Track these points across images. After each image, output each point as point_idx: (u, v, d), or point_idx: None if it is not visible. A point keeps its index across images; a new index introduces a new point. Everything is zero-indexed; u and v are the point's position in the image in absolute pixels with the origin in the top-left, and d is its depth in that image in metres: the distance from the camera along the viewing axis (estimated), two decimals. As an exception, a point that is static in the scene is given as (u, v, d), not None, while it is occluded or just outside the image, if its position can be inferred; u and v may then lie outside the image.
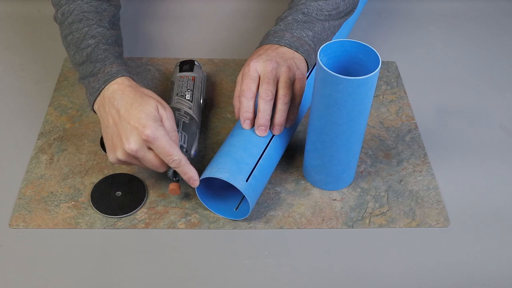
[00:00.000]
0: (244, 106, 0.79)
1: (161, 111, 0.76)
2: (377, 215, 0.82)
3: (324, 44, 0.74)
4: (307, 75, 0.87)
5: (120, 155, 0.75)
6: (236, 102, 0.81)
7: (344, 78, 0.69)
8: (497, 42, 1.14)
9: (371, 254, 0.78)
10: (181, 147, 0.81)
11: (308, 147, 0.82)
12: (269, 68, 0.78)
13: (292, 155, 0.89)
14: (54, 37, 1.09)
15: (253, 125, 0.80)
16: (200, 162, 0.87)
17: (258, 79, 0.79)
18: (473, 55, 1.11)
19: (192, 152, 0.83)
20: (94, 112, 0.80)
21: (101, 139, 0.90)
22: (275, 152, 0.81)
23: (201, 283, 0.74)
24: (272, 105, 0.79)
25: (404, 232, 0.80)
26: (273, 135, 0.81)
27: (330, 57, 0.75)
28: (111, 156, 0.77)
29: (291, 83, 0.79)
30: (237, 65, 1.05)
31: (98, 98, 0.78)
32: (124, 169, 0.86)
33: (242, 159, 0.77)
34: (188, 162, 0.76)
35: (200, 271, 0.75)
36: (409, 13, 1.20)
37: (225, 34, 1.13)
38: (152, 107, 0.74)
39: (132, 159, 0.75)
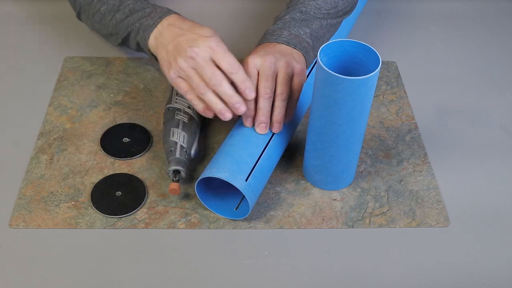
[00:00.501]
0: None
1: (218, 36, 0.78)
2: (377, 215, 0.82)
3: (324, 44, 0.74)
4: (306, 72, 0.87)
5: (181, 62, 0.75)
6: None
7: (344, 78, 0.69)
8: (497, 42, 1.14)
9: (371, 254, 0.78)
10: (181, 147, 0.81)
11: (308, 147, 0.82)
12: (267, 63, 0.78)
13: (292, 155, 0.89)
14: (54, 37, 1.09)
15: (253, 123, 0.80)
16: (200, 162, 0.87)
17: (257, 76, 0.79)
18: (473, 55, 1.11)
19: (192, 152, 0.83)
20: (149, 50, 0.82)
21: (101, 139, 0.90)
22: (274, 151, 0.81)
23: (201, 283, 0.74)
24: (271, 102, 0.79)
25: (404, 232, 0.80)
26: (273, 134, 0.81)
27: (330, 57, 0.75)
28: (171, 70, 0.77)
29: (289, 78, 0.79)
30: (237, 65, 1.05)
31: (155, 32, 0.80)
32: (124, 169, 0.86)
33: (242, 159, 0.77)
34: (246, 76, 0.76)
35: (200, 271, 0.75)
36: (409, 13, 1.20)
37: (225, 34, 1.12)
38: (212, 29, 0.78)
39: (191, 70, 0.75)
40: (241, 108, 0.76)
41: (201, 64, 0.75)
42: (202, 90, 0.76)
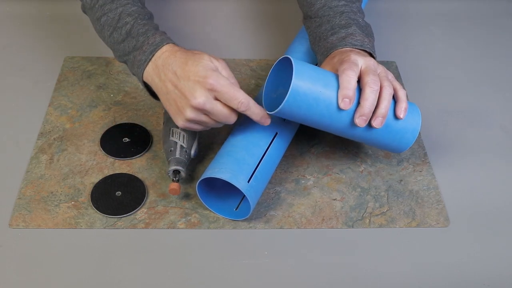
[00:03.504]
0: (345, 84, 0.75)
1: (215, 62, 0.76)
2: (377, 215, 0.82)
3: (266, 81, 0.78)
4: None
5: (189, 114, 0.74)
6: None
7: (275, 112, 0.74)
8: (497, 42, 1.14)
9: (371, 254, 0.78)
10: (181, 147, 0.81)
11: (363, 138, 0.80)
12: (371, 62, 0.77)
13: (292, 155, 0.89)
14: (54, 37, 1.09)
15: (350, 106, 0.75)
16: (200, 162, 0.87)
17: (359, 71, 0.76)
18: (473, 55, 1.11)
19: (192, 152, 0.83)
20: (144, 85, 0.80)
21: (101, 139, 0.90)
22: (276, 152, 0.81)
23: (201, 283, 0.74)
24: (377, 97, 0.76)
25: (404, 232, 0.80)
26: (275, 135, 0.81)
27: (273, 86, 0.79)
28: (180, 119, 0.76)
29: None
30: (237, 65, 1.05)
31: (150, 69, 0.77)
32: (124, 169, 0.86)
33: (244, 160, 0.77)
34: (255, 103, 0.75)
35: (200, 271, 0.75)
36: (409, 13, 1.20)
37: (225, 34, 1.13)
38: (206, 60, 0.74)
39: (201, 115, 0.75)
40: (268, 120, 0.77)
41: (210, 111, 0.74)
42: (218, 125, 0.78)
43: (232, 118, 0.76)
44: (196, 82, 0.73)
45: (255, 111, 0.76)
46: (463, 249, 0.79)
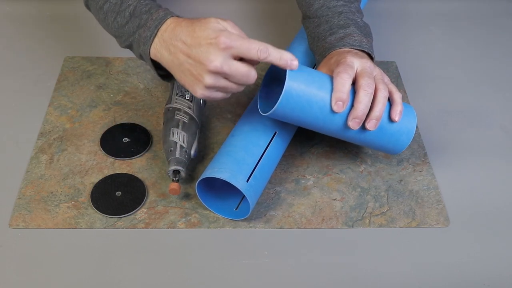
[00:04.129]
0: (339, 87, 0.75)
1: (223, 23, 0.72)
2: (377, 215, 0.82)
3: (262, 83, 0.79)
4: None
5: (208, 80, 0.71)
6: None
7: (269, 113, 0.75)
8: (497, 42, 1.14)
9: (371, 254, 0.78)
10: (181, 147, 0.81)
11: (359, 140, 0.80)
12: (368, 64, 0.77)
13: (292, 155, 0.89)
14: (54, 37, 1.09)
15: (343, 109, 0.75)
16: (200, 162, 0.87)
17: (355, 72, 0.76)
18: (473, 55, 1.11)
19: (192, 152, 0.83)
20: (152, 64, 0.78)
21: (101, 139, 0.90)
22: (275, 152, 0.81)
23: (201, 283, 0.74)
24: (371, 100, 0.75)
25: (404, 232, 0.80)
26: (274, 135, 0.81)
27: (269, 88, 0.80)
28: (198, 89, 0.72)
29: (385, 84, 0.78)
30: (237, 65, 1.05)
31: (157, 45, 0.75)
32: (124, 169, 0.86)
33: (243, 159, 0.77)
34: (275, 48, 0.71)
35: (200, 271, 0.75)
36: (409, 13, 1.20)
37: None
38: (213, 23, 0.71)
39: (220, 80, 0.71)
40: (295, 62, 0.72)
41: (228, 72, 0.71)
42: (239, 89, 0.74)
43: (252, 76, 0.71)
44: (209, 45, 0.70)
45: (277, 55, 0.71)
46: (463, 249, 0.79)
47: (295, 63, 0.72)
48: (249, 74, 0.71)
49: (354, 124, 0.75)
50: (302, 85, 0.73)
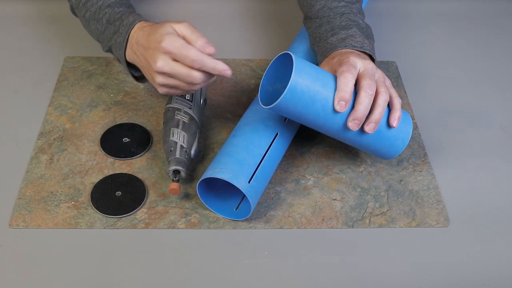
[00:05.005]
0: (343, 86, 0.75)
1: (176, 25, 0.77)
2: (377, 215, 0.82)
3: (263, 76, 0.78)
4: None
5: (158, 79, 0.77)
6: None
7: (272, 106, 0.74)
8: (497, 42, 1.14)
9: (371, 254, 0.78)
10: (181, 147, 0.81)
11: (349, 140, 0.80)
12: (370, 66, 0.77)
13: (292, 155, 0.89)
14: (54, 37, 1.09)
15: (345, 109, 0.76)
16: (200, 162, 0.87)
17: (357, 73, 0.76)
18: (473, 55, 1.11)
19: (192, 152, 0.83)
20: (128, 66, 0.83)
21: (101, 139, 0.90)
22: (277, 152, 0.81)
23: (201, 283, 0.74)
24: (372, 101, 0.76)
25: (404, 232, 0.80)
26: (276, 136, 0.81)
27: (274, 77, 0.79)
28: (156, 87, 0.79)
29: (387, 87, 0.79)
30: (237, 65, 1.05)
31: (129, 49, 0.81)
32: (124, 169, 0.86)
33: (245, 160, 0.77)
34: (211, 59, 0.75)
35: (200, 271, 0.75)
36: (409, 13, 1.20)
37: (225, 34, 1.13)
38: (166, 26, 0.76)
39: (169, 79, 0.77)
40: (228, 72, 0.76)
41: (170, 72, 0.75)
42: (191, 88, 0.78)
43: (194, 77, 0.75)
44: (155, 49, 0.75)
45: (211, 66, 0.75)
46: (463, 249, 0.79)
47: (228, 72, 0.76)
48: (190, 75, 0.75)
49: (353, 125, 0.75)
50: (307, 81, 0.73)
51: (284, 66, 0.77)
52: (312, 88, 0.73)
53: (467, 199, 0.85)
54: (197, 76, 0.76)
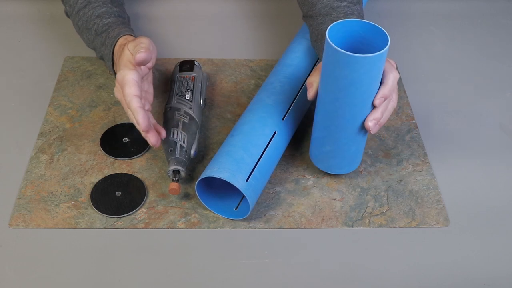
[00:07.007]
0: (390, 83, 0.77)
1: (140, 41, 0.80)
2: (377, 215, 0.82)
3: (331, 25, 0.72)
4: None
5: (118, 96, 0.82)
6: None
7: (361, 57, 0.68)
8: (497, 42, 1.14)
9: (371, 254, 0.78)
10: (181, 147, 0.82)
11: (318, 134, 0.80)
12: (397, 76, 0.78)
13: (292, 155, 0.89)
14: (54, 37, 1.09)
15: None
16: (200, 162, 0.87)
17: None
18: (473, 55, 1.11)
19: (192, 152, 0.83)
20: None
21: (101, 139, 0.90)
22: (275, 151, 0.81)
23: (201, 283, 0.74)
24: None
25: (404, 232, 0.80)
26: (274, 134, 0.81)
27: (336, 38, 0.74)
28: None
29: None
30: (237, 65, 1.05)
31: (115, 61, 0.84)
32: (124, 169, 0.86)
33: (242, 159, 0.77)
34: (139, 111, 0.76)
35: (200, 271, 0.75)
36: (409, 13, 1.20)
37: (225, 34, 1.13)
38: (125, 54, 0.80)
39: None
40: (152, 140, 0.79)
41: (121, 100, 0.80)
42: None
43: (129, 114, 0.79)
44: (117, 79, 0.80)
45: (132, 116, 0.78)
46: (463, 249, 0.79)
47: (152, 140, 0.79)
48: (127, 110, 0.79)
49: (372, 125, 0.76)
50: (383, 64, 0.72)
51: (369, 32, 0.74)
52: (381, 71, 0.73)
53: (467, 199, 0.85)
54: (130, 114, 0.79)
